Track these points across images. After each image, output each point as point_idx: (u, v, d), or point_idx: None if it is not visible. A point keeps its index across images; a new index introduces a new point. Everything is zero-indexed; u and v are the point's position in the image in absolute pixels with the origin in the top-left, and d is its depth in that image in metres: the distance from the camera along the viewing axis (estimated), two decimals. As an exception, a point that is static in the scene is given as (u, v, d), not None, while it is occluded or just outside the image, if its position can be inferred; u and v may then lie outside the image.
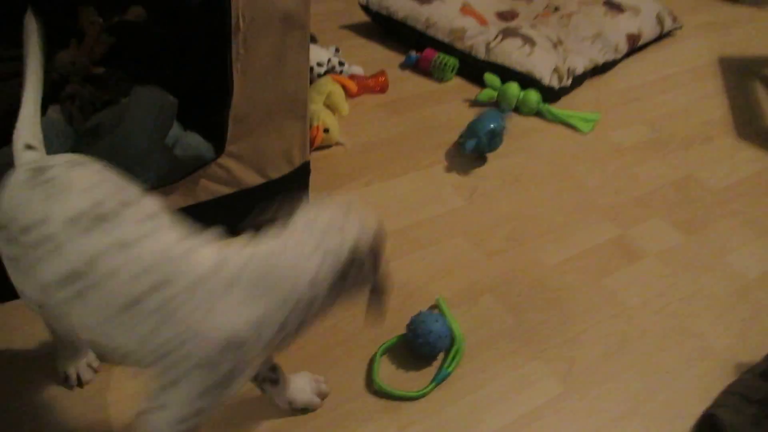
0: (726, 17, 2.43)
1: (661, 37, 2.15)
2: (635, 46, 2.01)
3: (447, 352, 1.04)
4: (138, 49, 1.55)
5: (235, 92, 1.03)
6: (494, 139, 1.47)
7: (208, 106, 1.23)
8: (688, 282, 1.24)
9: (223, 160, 1.11)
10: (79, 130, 1.19)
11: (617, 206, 1.42)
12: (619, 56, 1.94)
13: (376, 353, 1.03)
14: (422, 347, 1.00)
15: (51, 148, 1.16)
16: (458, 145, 1.53)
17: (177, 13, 1.71)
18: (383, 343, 1.04)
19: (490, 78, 1.72)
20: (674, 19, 2.17)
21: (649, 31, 2.05)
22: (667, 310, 1.17)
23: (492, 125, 1.45)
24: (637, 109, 1.78)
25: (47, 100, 1.30)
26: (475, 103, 1.74)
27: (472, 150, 1.46)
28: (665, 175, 1.53)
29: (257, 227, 0.73)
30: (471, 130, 1.48)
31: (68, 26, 1.62)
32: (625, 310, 1.17)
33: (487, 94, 1.71)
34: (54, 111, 1.26)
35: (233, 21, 0.95)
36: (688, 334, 1.13)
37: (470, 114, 1.65)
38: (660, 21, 2.09)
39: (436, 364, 1.04)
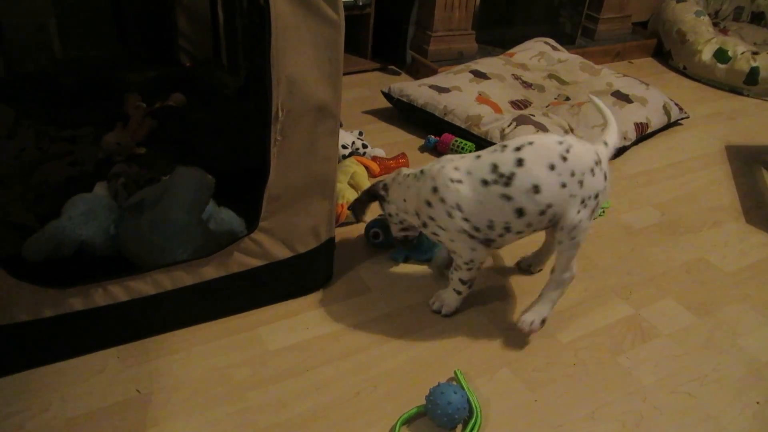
0: (731, 108, 2.54)
1: (668, 125, 2.26)
2: (644, 134, 2.11)
3: (465, 423, 1.06)
4: (178, 131, 1.67)
5: (271, 174, 1.12)
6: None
7: (240, 185, 1.32)
8: (702, 363, 1.26)
9: (256, 235, 1.18)
10: (123, 205, 1.29)
11: (630, 286, 1.46)
12: (628, 143, 2.04)
13: (396, 424, 1.06)
14: (441, 418, 1.03)
15: (97, 221, 1.26)
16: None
17: (214, 100, 1.86)
18: (403, 414, 1.07)
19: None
20: (681, 110, 2.28)
21: (656, 120, 2.15)
22: (682, 390, 1.19)
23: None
24: (647, 194, 1.86)
25: (95, 178, 1.41)
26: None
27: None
28: (676, 257, 1.58)
29: None
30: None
31: (115, 111, 1.76)
32: (640, 389, 1.19)
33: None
34: (100, 187, 1.36)
35: (273, 111, 1.05)
36: (703, 416, 1.14)
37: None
38: (667, 111, 2.20)
39: (454, 437, 1.06)
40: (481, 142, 1.93)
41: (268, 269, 1.23)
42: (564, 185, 1.13)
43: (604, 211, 1.74)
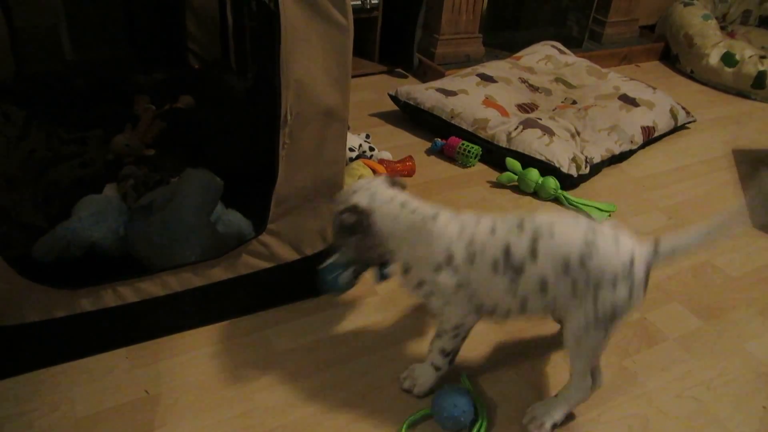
0: (738, 112, 2.54)
1: (675, 129, 2.26)
2: (651, 138, 2.11)
3: (471, 427, 1.07)
4: (187, 134, 1.68)
5: (279, 176, 1.13)
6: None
7: (248, 187, 1.33)
8: (708, 367, 1.26)
9: (264, 237, 1.19)
10: (132, 207, 1.30)
11: (636, 290, 1.46)
12: (635, 147, 2.04)
13: (402, 426, 1.07)
14: (447, 421, 1.04)
15: (107, 222, 1.27)
16: None
17: (223, 103, 1.87)
18: (409, 417, 1.08)
19: (511, 162, 1.82)
20: (688, 113, 2.28)
21: (663, 124, 2.15)
22: (688, 395, 1.19)
23: None
24: (654, 197, 1.85)
25: (105, 179, 1.42)
26: (495, 185, 1.83)
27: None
28: (683, 261, 1.58)
29: None
30: None
31: (124, 112, 1.78)
32: (646, 392, 1.19)
33: (507, 176, 1.81)
34: (110, 189, 1.37)
35: (282, 115, 1.06)
36: (709, 420, 1.14)
37: (492, 197, 1.74)
38: (674, 115, 2.19)
39: (460, 439, 1.07)
40: (488, 146, 1.94)
41: (276, 271, 1.24)
42: (574, 287, 0.97)
43: (609, 215, 1.74)
